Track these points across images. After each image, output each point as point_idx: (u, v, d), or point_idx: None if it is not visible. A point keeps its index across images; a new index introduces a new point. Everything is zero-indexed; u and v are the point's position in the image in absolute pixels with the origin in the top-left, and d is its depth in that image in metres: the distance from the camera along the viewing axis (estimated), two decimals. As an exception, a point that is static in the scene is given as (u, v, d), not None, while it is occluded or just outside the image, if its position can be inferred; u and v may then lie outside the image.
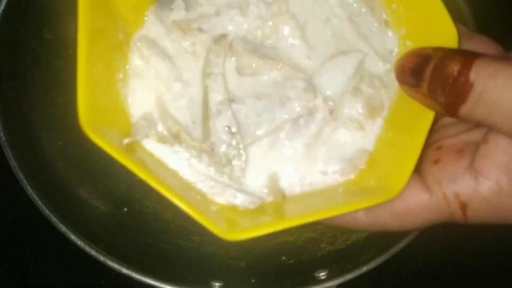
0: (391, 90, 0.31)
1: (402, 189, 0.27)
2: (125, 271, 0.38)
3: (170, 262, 0.43)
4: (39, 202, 0.38)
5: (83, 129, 0.25)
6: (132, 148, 0.29)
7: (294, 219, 0.28)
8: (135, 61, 0.32)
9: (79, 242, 0.38)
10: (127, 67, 0.31)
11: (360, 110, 0.31)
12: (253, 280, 0.41)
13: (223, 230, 0.26)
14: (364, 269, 0.37)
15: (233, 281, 0.41)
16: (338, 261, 0.42)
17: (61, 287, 0.51)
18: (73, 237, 0.38)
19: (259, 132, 0.30)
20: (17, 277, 0.51)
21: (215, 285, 0.39)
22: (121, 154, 0.26)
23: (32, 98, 0.43)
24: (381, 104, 0.31)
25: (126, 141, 0.29)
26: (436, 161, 0.28)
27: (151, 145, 0.29)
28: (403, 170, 0.27)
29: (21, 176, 0.38)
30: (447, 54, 0.26)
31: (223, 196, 0.29)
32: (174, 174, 0.29)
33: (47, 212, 0.38)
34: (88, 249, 0.38)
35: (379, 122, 0.31)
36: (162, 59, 0.31)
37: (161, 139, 0.30)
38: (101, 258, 0.38)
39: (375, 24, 0.32)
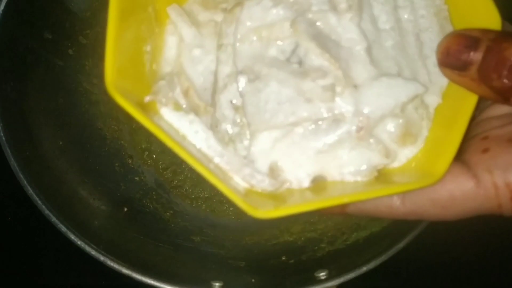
0: (430, 123, 0.29)
1: (444, 173, 0.25)
2: (125, 271, 0.38)
3: (170, 262, 0.43)
4: (39, 202, 0.38)
5: (108, 90, 0.25)
6: (153, 112, 0.29)
7: (324, 200, 0.26)
8: (165, 29, 0.31)
9: (79, 242, 0.38)
10: (155, 34, 0.31)
11: (392, 129, 0.28)
12: (253, 280, 0.41)
13: (252, 207, 0.25)
14: (364, 269, 0.37)
15: (233, 281, 0.41)
16: (338, 261, 0.42)
17: (61, 287, 0.51)
18: (73, 237, 0.38)
19: (274, 122, 0.28)
20: (17, 277, 0.51)
21: (215, 285, 0.39)
22: (143, 116, 0.25)
23: (32, 98, 0.43)
24: (418, 133, 0.29)
25: (147, 99, 0.28)
26: (485, 150, 0.26)
27: (169, 115, 0.29)
28: (445, 154, 0.26)
29: (21, 176, 0.38)
30: (501, 37, 0.25)
31: (241, 174, 0.28)
32: (192, 146, 0.28)
33: (47, 212, 0.38)
34: (88, 249, 0.38)
35: (408, 151, 0.29)
36: (188, 26, 0.30)
37: (177, 105, 0.29)
38: (101, 258, 0.38)
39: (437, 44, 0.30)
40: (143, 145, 0.51)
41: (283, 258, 0.45)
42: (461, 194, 0.26)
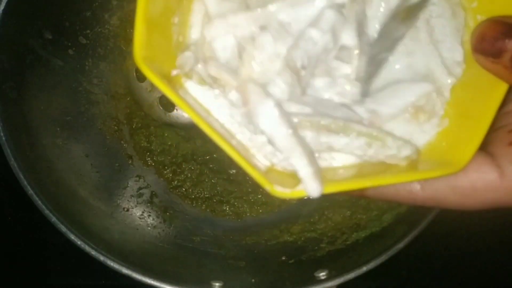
0: (446, 99, 0.29)
1: (467, 162, 0.25)
2: (125, 271, 0.38)
3: (170, 262, 0.43)
4: (39, 202, 0.38)
5: (136, 62, 0.25)
6: (179, 85, 0.28)
7: (344, 183, 0.25)
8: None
9: (79, 242, 0.38)
10: (183, 5, 0.30)
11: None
12: (253, 280, 0.41)
13: (271, 184, 0.24)
14: (364, 269, 0.37)
15: (233, 281, 0.41)
16: (338, 261, 0.42)
17: (61, 287, 0.51)
18: (73, 237, 0.38)
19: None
20: (17, 277, 0.51)
21: (215, 285, 0.39)
22: (170, 89, 0.25)
23: (32, 98, 0.43)
24: (431, 109, 0.29)
25: (174, 72, 0.28)
26: (511, 143, 0.26)
27: (194, 89, 0.29)
28: (470, 143, 0.25)
29: (21, 176, 0.38)
30: None
31: (262, 151, 0.27)
32: (216, 121, 0.28)
33: (47, 212, 0.38)
34: (88, 249, 0.38)
35: (424, 131, 0.29)
36: None
37: (202, 79, 0.29)
38: (101, 258, 0.38)
39: (449, 29, 0.30)
40: (143, 145, 0.51)
41: (283, 258, 0.45)
42: (483, 184, 0.25)
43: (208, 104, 0.28)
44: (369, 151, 0.27)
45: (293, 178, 0.26)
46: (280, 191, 0.24)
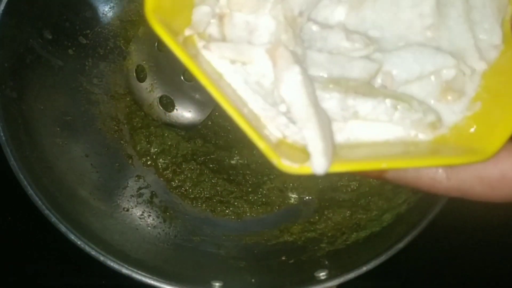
0: (477, 83, 0.27)
1: (497, 150, 0.23)
2: (125, 271, 0.38)
3: (170, 262, 0.43)
4: (39, 202, 0.38)
5: (147, 18, 0.23)
6: (191, 45, 0.26)
7: (356, 162, 0.24)
8: None
9: (79, 242, 0.38)
10: None
11: (429, 87, 0.26)
12: (253, 280, 0.41)
13: (278, 157, 0.23)
14: (364, 269, 0.37)
15: (233, 281, 0.41)
16: (338, 261, 0.42)
17: (61, 287, 0.51)
18: (73, 237, 0.38)
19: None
20: (17, 277, 0.51)
21: (215, 285, 0.39)
22: (181, 49, 0.24)
23: (32, 98, 0.43)
24: (461, 89, 0.26)
25: (187, 32, 0.26)
26: None
27: (207, 51, 0.27)
28: (501, 130, 0.24)
29: (21, 176, 0.38)
30: None
31: (275, 122, 0.25)
32: (228, 86, 0.26)
33: (47, 212, 0.38)
34: (88, 249, 0.38)
35: (453, 112, 0.26)
36: None
37: (221, 56, 0.26)
38: (101, 258, 0.38)
39: (490, 10, 0.27)
40: (143, 145, 0.51)
41: (283, 258, 0.45)
42: None
43: (222, 67, 0.26)
44: (396, 114, 0.25)
45: (304, 153, 0.24)
46: (288, 165, 0.23)
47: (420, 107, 0.25)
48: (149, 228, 0.47)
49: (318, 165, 0.23)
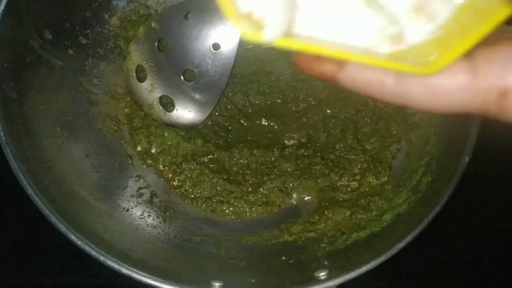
0: (452, 9, 0.27)
1: (447, 65, 0.24)
2: (125, 271, 0.38)
3: (170, 262, 0.43)
4: (39, 202, 0.38)
5: None
6: None
7: (306, 43, 0.24)
8: None
9: (79, 242, 0.38)
10: None
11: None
12: (253, 280, 0.41)
13: (239, 19, 0.24)
14: (364, 269, 0.37)
15: (233, 281, 0.41)
16: (338, 261, 0.42)
17: (61, 287, 0.51)
18: (73, 237, 0.38)
19: None
20: (17, 277, 0.51)
21: (215, 285, 0.39)
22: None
23: (32, 98, 0.43)
24: (433, 13, 0.27)
25: None
26: (490, 44, 0.25)
27: None
28: (454, 49, 0.25)
29: (21, 176, 0.38)
30: None
31: None
32: None
33: (47, 212, 0.38)
34: (88, 249, 0.38)
35: (417, 32, 0.27)
36: None
37: None
38: (101, 258, 0.38)
39: None
40: (143, 145, 0.51)
41: (283, 258, 0.45)
42: (455, 83, 0.25)
43: None
44: (364, 15, 0.26)
45: (263, 26, 0.25)
46: (244, 26, 0.24)
47: (386, 16, 0.26)
48: (149, 228, 0.47)
49: (268, 32, 0.24)
